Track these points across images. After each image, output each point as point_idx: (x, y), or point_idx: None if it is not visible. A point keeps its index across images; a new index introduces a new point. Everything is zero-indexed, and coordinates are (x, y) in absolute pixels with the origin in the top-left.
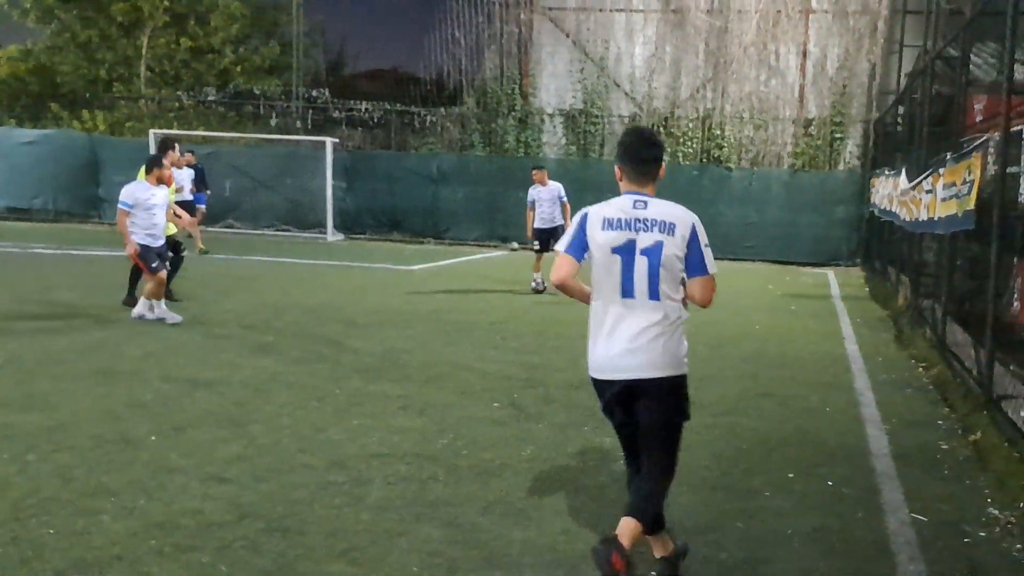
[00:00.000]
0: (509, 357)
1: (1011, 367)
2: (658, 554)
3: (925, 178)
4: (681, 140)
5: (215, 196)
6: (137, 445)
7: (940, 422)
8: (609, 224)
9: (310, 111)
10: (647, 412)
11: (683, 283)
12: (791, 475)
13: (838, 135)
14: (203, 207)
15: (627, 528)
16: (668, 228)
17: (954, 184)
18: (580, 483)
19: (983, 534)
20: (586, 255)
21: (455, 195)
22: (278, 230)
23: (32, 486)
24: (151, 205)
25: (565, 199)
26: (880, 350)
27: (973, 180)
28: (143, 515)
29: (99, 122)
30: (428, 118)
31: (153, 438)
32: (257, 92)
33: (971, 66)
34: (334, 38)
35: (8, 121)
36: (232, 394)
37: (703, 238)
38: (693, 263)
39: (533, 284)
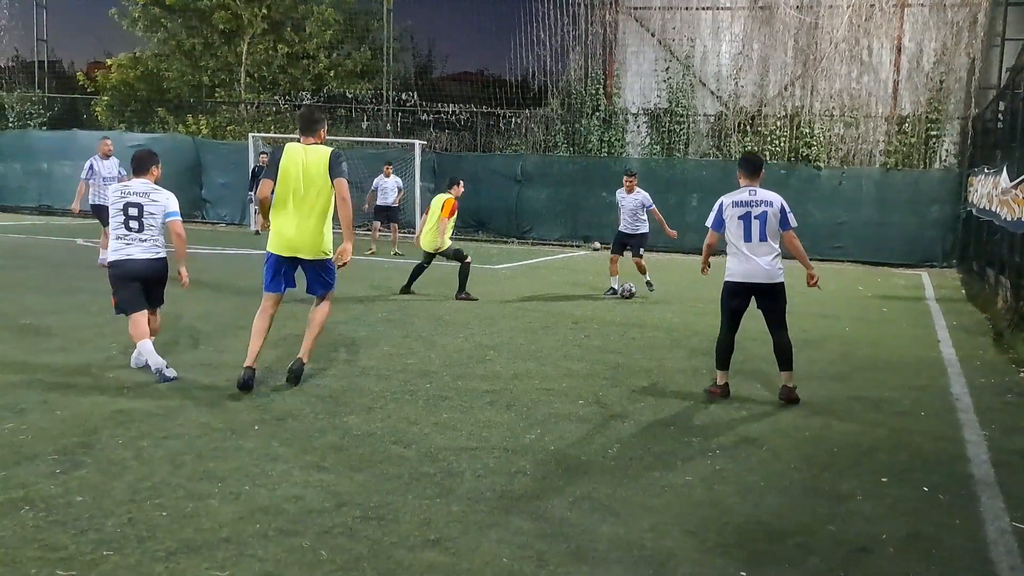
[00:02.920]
0: (593, 356)
1: None
2: (783, 382)
3: None
4: (768, 138)
5: None
6: (242, 434)
7: None
8: (736, 204)
9: (399, 114)
10: (770, 302)
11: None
12: (884, 479)
13: (934, 132)
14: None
15: (788, 375)
16: (768, 204)
17: None
18: (666, 481)
19: None
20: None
21: (539, 195)
22: (368, 230)
23: (146, 470)
24: None
25: (653, 206)
26: (978, 354)
27: None
28: (248, 500)
29: (202, 126)
30: (513, 119)
31: (256, 427)
32: (349, 96)
33: None
34: (423, 42)
35: (118, 126)
36: (328, 386)
37: (787, 208)
38: (784, 222)
39: (622, 289)
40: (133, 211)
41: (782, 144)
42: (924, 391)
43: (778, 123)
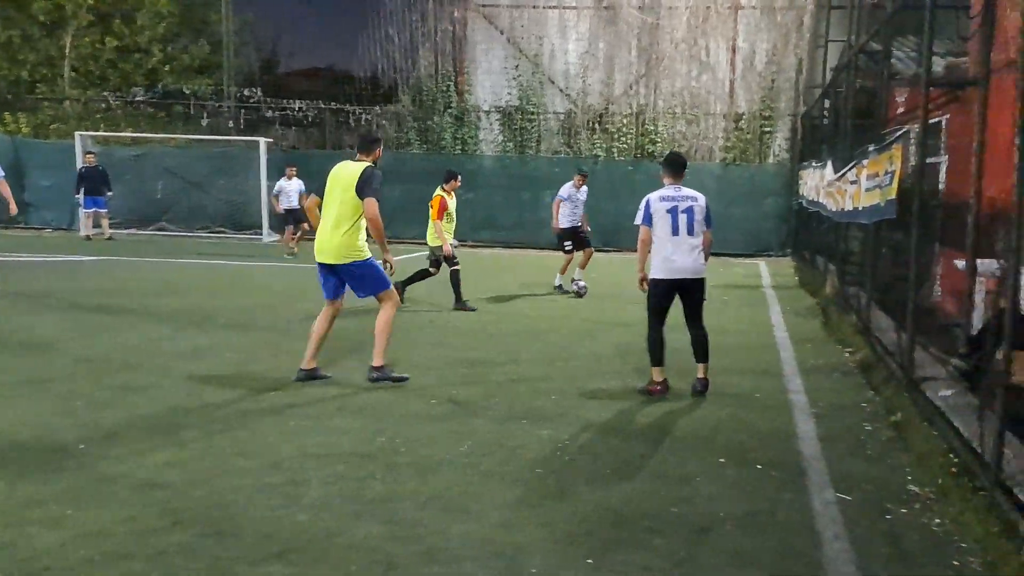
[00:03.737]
0: (449, 354)
1: (931, 350)
2: (700, 375)
3: (849, 169)
4: (615, 136)
5: (147, 199)
6: (66, 454)
7: (864, 405)
8: (663, 199)
9: (242, 111)
10: (694, 296)
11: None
12: (723, 460)
13: (767, 129)
14: (105, 211)
15: (704, 367)
16: (694, 199)
17: (877, 175)
18: (519, 475)
19: (904, 511)
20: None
21: (392, 193)
22: (212, 232)
23: None
24: None
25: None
26: (809, 337)
27: (894, 171)
28: (73, 525)
29: (22, 124)
30: (363, 116)
31: (82, 446)
32: (187, 92)
33: (892, 60)
34: (266, 36)
35: None
36: (165, 399)
37: (709, 207)
38: (708, 219)
39: (575, 287)
40: None
41: (629, 141)
42: (761, 374)
43: (624, 120)
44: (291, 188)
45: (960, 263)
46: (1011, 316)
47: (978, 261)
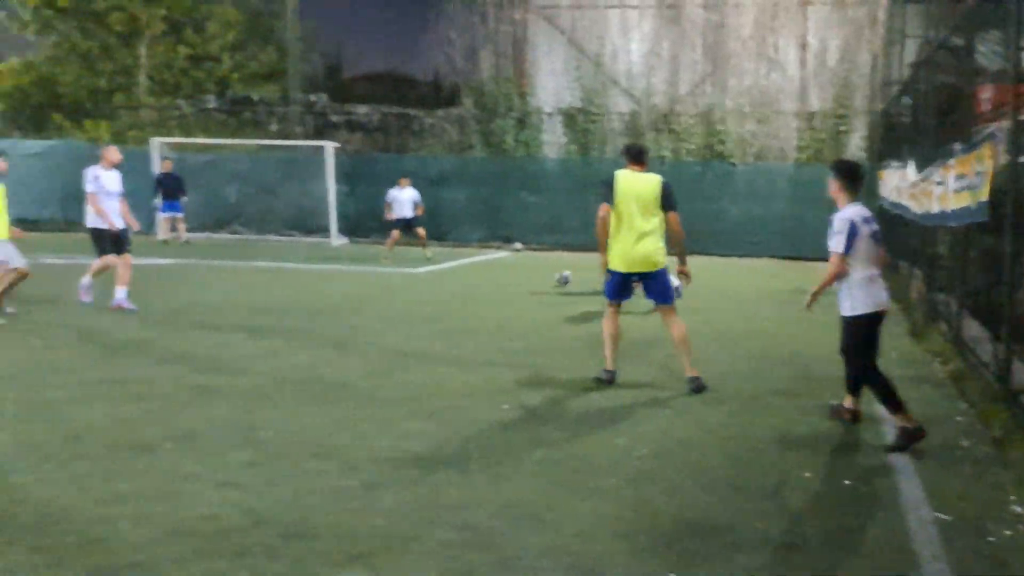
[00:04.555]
0: (516, 359)
1: None
2: (853, 406)
3: (935, 170)
4: (682, 136)
5: (220, 203)
6: (151, 452)
7: (958, 418)
8: (866, 221)
9: (309, 116)
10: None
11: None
12: (808, 475)
13: (842, 127)
14: (181, 215)
15: (852, 399)
16: (876, 220)
17: (965, 175)
18: (593, 485)
19: (1007, 532)
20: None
21: (456, 197)
22: (282, 235)
23: (50, 495)
24: None
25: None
26: (894, 345)
27: (985, 171)
28: (160, 522)
29: (103, 131)
30: (426, 120)
31: (168, 445)
32: (255, 98)
33: (976, 55)
34: (330, 42)
35: (13, 133)
36: (242, 399)
37: None
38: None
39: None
40: None
41: (697, 141)
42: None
43: (691, 121)
44: (404, 197)
45: None
46: None
47: None
